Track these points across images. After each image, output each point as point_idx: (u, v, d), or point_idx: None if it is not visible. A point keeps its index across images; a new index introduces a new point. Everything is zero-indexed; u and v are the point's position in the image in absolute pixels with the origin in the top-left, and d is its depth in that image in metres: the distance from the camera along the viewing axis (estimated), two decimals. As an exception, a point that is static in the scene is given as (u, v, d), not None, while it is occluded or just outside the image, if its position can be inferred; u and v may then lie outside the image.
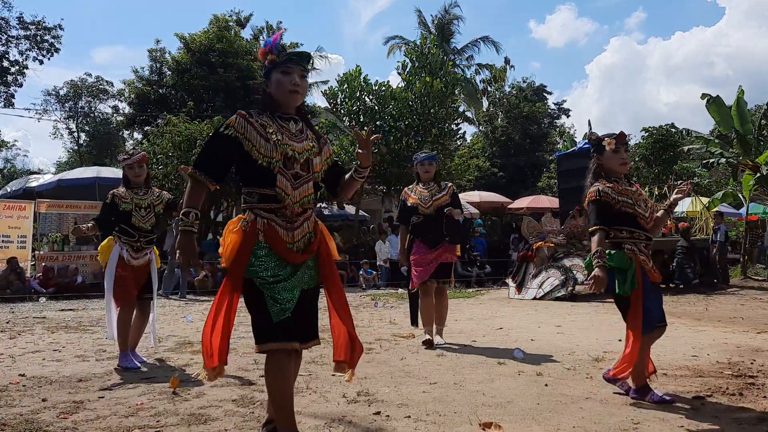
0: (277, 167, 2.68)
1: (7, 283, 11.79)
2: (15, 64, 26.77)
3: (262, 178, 2.69)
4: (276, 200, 2.69)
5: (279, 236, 2.68)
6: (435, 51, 17.18)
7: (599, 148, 3.83)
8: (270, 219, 2.69)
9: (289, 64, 2.75)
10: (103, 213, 4.96)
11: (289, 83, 2.75)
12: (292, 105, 2.82)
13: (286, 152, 2.70)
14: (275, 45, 2.76)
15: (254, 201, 2.72)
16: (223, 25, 22.11)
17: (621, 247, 3.66)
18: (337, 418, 3.29)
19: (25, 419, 3.32)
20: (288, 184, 2.69)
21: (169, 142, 14.96)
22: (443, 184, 5.85)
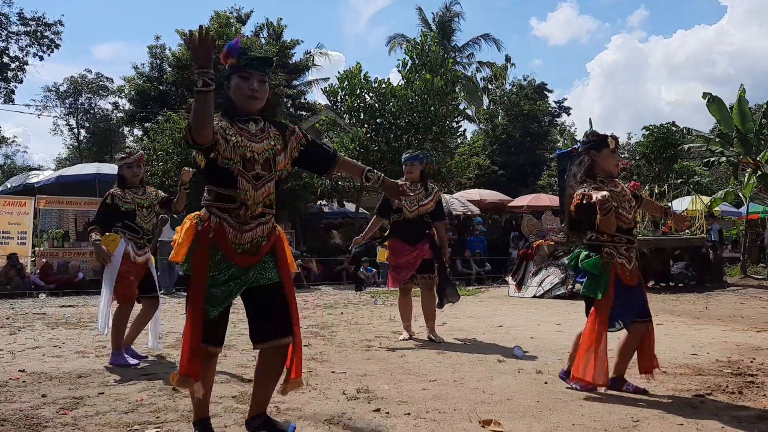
0: (236, 169, 2.70)
1: (7, 279, 11.80)
2: (15, 60, 26.79)
3: (222, 178, 2.72)
4: (232, 200, 2.73)
5: (226, 236, 2.72)
6: (435, 48, 17.16)
7: (600, 144, 3.80)
8: (222, 218, 2.73)
9: (248, 69, 2.74)
10: (104, 215, 4.87)
11: (247, 89, 2.75)
12: (250, 110, 2.81)
13: (244, 154, 2.72)
14: (235, 48, 2.75)
15: (211, 199, 2.77)
16: (223, 21, 22.03)
17: (599, 250, 3.67)
18: (336, 415, 3.29)
19: (25, 415, 3.33)
20: (248, 186, 2.72)
21: (169, 139, 14.94)
22: (430, 188, 5.82)
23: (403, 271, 5.78)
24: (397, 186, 3.09)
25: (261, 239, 2.79)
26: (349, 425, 3.13)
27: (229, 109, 2.82)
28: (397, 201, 5.70)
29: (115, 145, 31.86)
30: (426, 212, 5.74)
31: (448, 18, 30.92)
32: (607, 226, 3.60)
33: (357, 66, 16.21)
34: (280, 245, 2.89)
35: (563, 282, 10.42)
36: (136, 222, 4.91)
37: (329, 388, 3.90)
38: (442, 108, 16.44)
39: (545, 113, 32.56)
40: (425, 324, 5.95)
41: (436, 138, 16.66)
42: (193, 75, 2.58)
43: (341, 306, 9.41)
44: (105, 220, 4.88)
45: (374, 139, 16.14)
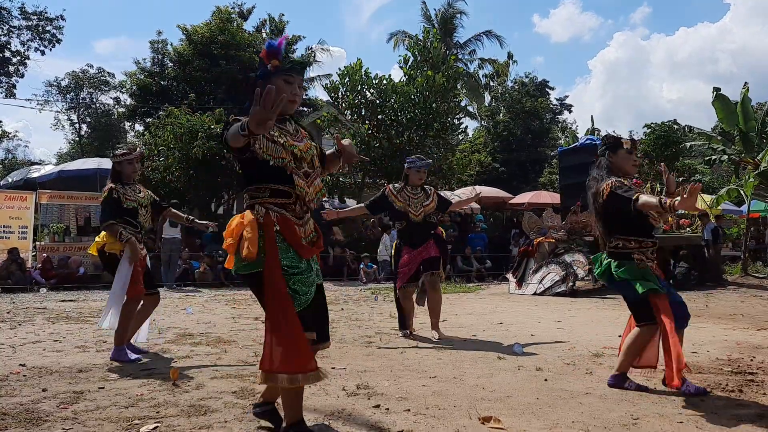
0: (290, 168, 2.72)
1: (8, 273, 11.82)
2: (16, 55, 26.77)
3: (277, 176, 2.72)
4: (287, 195, 2.74)
5: (295, 229, 2.74)
6: (437, 45, 17.14)
7: (615, 146, 3.81)
8: (281, 213, 2.73)
9: (292, 73, 2.77)
10: (114, 210, 4.82)
11: (290, 93, 2.77)
12: (289, 112, 2.84)
13: (294, 152, 2.75)
14: (281, 50, 2.76)
15: (265, 196, 2.74)
16: (225, 17, 22.05)
17: (630, 258, 3.67)
18: (336, 411, 3.29)
19: (26, 409, 3.33)
20: (304, 183, 2.75)
21: (171, 134, 14.94)
22: (427, 189, 5.92)
23: (404, 270, 5.84)
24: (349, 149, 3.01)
25: (313, 234, 2.86)
26: (349, 421, 3.14)
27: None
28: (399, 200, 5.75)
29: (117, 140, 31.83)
30: (431, 211, 5.81)
31: (451, 14, 30.86)
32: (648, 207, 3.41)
33: (358, 62, 16.19)
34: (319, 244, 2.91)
35: (564, 279, 10.42)
36: (138, 220, 4.92)
37: (329, 384, 3.90)
38: (443, 105, 16.42)
39: (547, 110, 32.53)
40: (430, 321, 5.96)
41: (437, 135, 16.64)
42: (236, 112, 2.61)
43: (341, 302, 9.42)
44: (116, 216, 4.83)
45: (376, 135, 16.12)
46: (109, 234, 4.84)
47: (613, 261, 3.74)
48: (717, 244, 12.91)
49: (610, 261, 3.77)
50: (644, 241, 3.70)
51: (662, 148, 19.29)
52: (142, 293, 4.90)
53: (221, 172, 14.64)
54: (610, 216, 3.70)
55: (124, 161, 4.96)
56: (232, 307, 8.72)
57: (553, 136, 31.89)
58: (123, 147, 5.33)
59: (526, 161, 28.99)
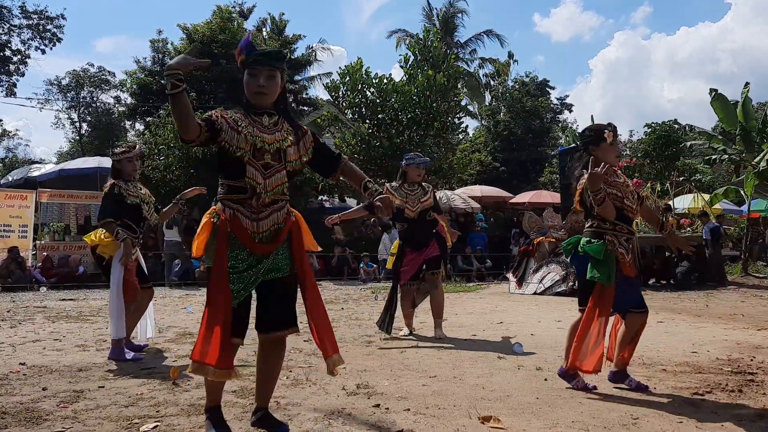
0: (246, 157, 2.74)
1: (8, 272, 11.82)
2: (17, 54, 26.78)
3: (234, 169, 2.76)
4: (243, 191, 2.77)
5: (243, 226, 2.76)
6: (438, 44, 17.13)
7: (598, 138, 3.81)
8: (236, 209, 2.77)
9: (255, 66, 2.79)
10: (114, 207, 4.79)
11: (255, 85, 2.80)
12: (260, 105, 2.85)
13: (254, 143, 2.76)
14: (244, 45, 2.80)
15: (224, 192, 2.81)
16: (225, 16, 22.04)
17: (602, 238, 3.69)
18: (336, 411, 3.29)
19: (26, 408, 3.33)
20: (257, 174, 2.76)
21: (171, 133, 14.94)
22: (425, 186, 5.92)
23: (406, 269, 5.85)
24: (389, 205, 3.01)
25: (278, 226, 2.84)
26: (349, 420, 3.14)
27: (246, 104, 2.88)
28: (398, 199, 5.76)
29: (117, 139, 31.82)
30: (427, 207, 5.81)
31: (451, 14, 30.85)
32: (607, 212, 3.61)
33: (358, 61, 16.19)
34: (297, 233, 2.91)
35: (564, 279, 10.42)
36: (142, 216, 4.92)
37: (329, 383, 3.91)
38: (444, 104, 16.42)
39: (547, 110, 32.53)
40: (433, 320, 5.96)
41: (437, 134, 16.64)
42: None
43: (341, 301, 9.42)
44: (116, 214, 4.80)
45: (376, 134, 16.12)
46: (106, 230, 4.82)
47: (584, 237, 3.79)
48: (717, 244, 12.88)
49: (579, 237, 3.83)
50: (619, 225, 3.71)
51: (663, 147, 19.28)
52: (138, 292, 4.91)
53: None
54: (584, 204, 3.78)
55: (124, 159, 4.95)
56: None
57: (553, 136, 31.88)
58: (123, 145, 5.30)
59: (527, 161, 28.99)
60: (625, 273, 3.68)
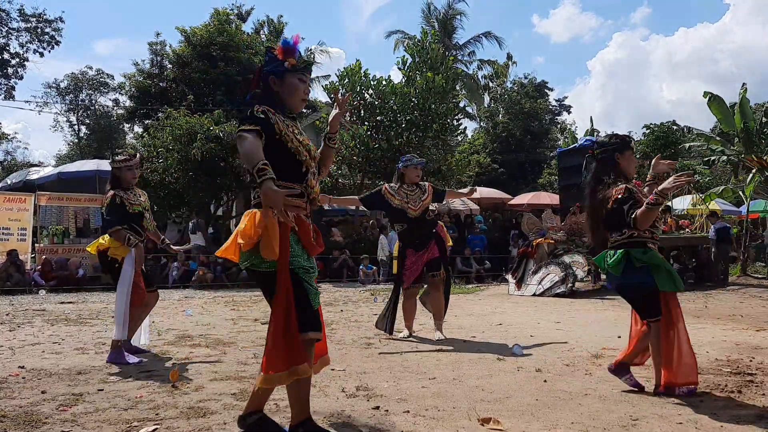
0: (307, 166, 2.79)
1: (7, 275, 11.81)
2: (15, 57, 26.78)
3: (292, 172, 2.76)
4: (300, 195, 2.75)
5: (308, 229, 2.79)
6: (435, 46, 17.14)
7: (623, 146, 3.78)
8: (297, 213, 2.74)
9: (305, 72, 2.85)
10: (120, 216, 4.80)
11: (303, 92, 2.86)
12: (298, 110, 2.91)
13: (310, 151, 2.83)
14: (297, 49, 2.82)
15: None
16: (224, 18, 22.05)
17: (647, 246, 3.65)
18: (336, 413, 3.29)
19: (25, 411, 3.33)
20: (313, 180, 2.84)
21: (170, 136, 14.93)
22: (422, 184, 5.95)
23: (409, 271, 5.87)
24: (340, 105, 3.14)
25: (315, 233, 2.89)
26: (349, 423, 3.14)
27: (277, 105, 2.82)
28: (397, 198, 5.77)
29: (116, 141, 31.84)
30: (428, 205, 5.88)
31: (451, 15, 30.89)
32: (649, 220, 3.51)
33: (357, 63, 16.20)
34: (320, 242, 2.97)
35: (563, 280, 10.42)
36: (143, 224, 4.92)
37: (329, 385, 3.90)
38: (442, 106, 16.42)
39: (546, 111, 32.55)
40: (433, 321, 5.96)
41: (436, 136, 16.64)
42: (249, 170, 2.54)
43: (341, 303, 9.42)
44: (121, 222, 4.81)
45: (375, 136, 16.13)
46: (115, 239, 4.82)
47: (632, 249, 3.63)
48: (721, 244, 12.88)
49: (627, 250, 3.64)
50: (654, 233, 3.72)
51: (661, 149, 19.29)
52: (145, 296, 4.93)
53: (220, 173, 14.63)
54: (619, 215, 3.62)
55: (124, 167, 4.95)
56: (232, 308, 8.71)
57: (552, 137, 31.88)
58: (123, 153, 5.29)
59: (525, 162, 29.01)
60: None
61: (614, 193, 3.62)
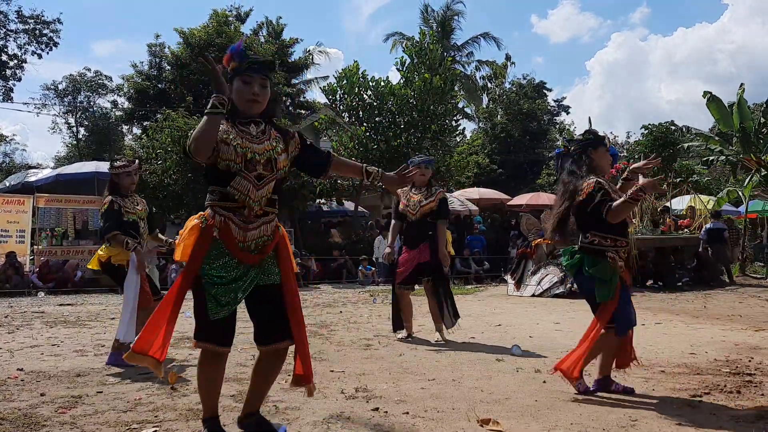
0: (236, 169, 2.72)
1: (6, 277, 11.79)
2: (13, 58, 26.76)
3: (226, 179, 2.73)
4: (235, 199, 2.74)
5: (232, 235, 2.73)
6: (434, 47, 17.16)
7: (597, 142, 3.80)
8: (227, 217, 2.74)
9: (250, 73, 2.76)
10: (115, 221, 4.79)
11: (249, 93, 2.77)
12: (251, 113, 2.83)
13: (245, 155, 2.74)
14: (237, 51, 2.76)
15: (216, 199, 2.78)
16: (222, 20, 22.04)
17: (604, 255, 3.65)
18: (335, 414, 3.29)
19: (24, 414, 3.33)
20: (249, 186, 2.74)
21: (168, 137, 14.93)
22: (434, 189, 5.86)
23: (400, 269, 5.83)
24: (396, 177, 3.08)
25: (266, 238, 2.81)
26: (348, 424, 3.14)
27: (231, 111, 2.81)
28: (402, 201, 5.76)
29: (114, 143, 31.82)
30: (429, 212, 5.75)
31: (449, 16, 30.91)
32: (623, 214, 3.54)
33: (355, 64, 16.21)
34: (283, 245, 2.91)
35: (562, 281, 10.42)
36: (140, 232, 4.92)
37: (328, 387, 3.90)
38: (441, 107, 16.44)
39: (544, 112, 32.58)
40: (434, 324, 5.95)
41: (435, 136, 16.66)
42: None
43: (340, 305, 9.41)
44: (118, 228, 4.80)
45: (373, 137, 16.14)
46: (115, 244, 4.82)
47: (587, 256, 3.69)
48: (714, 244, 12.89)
49: (583, 256, 3.71)
50: (619, 240, 3.69)
51: (660, 149, 19.33)
52: (152, 301, 4.92)
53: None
54: (587, 213, 3.65)
55: (123, 173, 4.95)
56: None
57: (550, 138, 31.89)
58: (122, 158, 5.27)
59: (524, 163, 29.04)
60: (626, 283, 3.69)
61: (585, 186, 3.64)
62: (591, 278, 3.66)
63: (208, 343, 2.76)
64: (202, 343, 2.77)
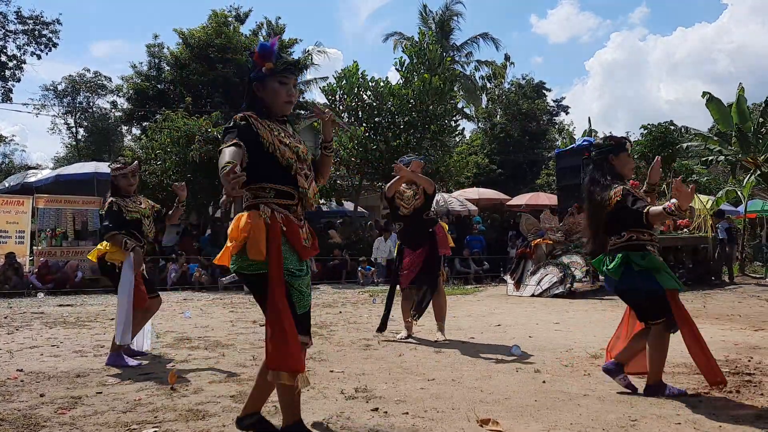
0: (295, 168, 2.74)
1: (5, 278, 11.79)
2: (13, 59, 26.72)
3: (281, 176, 2.73)
4: (291, 197, 2.75)
5: (297, 231, 2.76)
6: (433, 47, 17.16)
7: (619, 148, 3.79)
8: (286, 215, 2.75)
9: (286, 74, 2.77)
10: (116, 223, 4.81)
11: (286, 95, 2.79)
12: (285, 113, 2.85)
13: (298, 153, 2.78)
14: (272, 51, 2.75)
15: (270, 196, 2.73)
16: (221, 20, 22.07)
17: (646, 249, 3.65)
18: (335, 414, 3.29)
19: (23, 414, 3.33)
20: (306, 184, 2.79)
21: (168, 138, 14.93)
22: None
23: (406, 272, 5.84)
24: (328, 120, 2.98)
25: (310, 235, 2.87)
26: (348, 424, 3.14)
27: (262, 110, 2.79)
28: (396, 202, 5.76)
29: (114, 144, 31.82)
30: (418, 207, 5.77)
31: (448, 17, 30.91)
32: (659, 220, 3.54)
33: (354, 65, 16.21)
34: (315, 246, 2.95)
35: (561, 281, 10.42)
36: (142, 231, 4.92)
37: (327, 387, 3.90)
38: (440, 107, 16.43)
39: (544, 112, 32.57)
40: (435, 323, 5.96)
41: (434, 137, 16.66)
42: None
43: (339, 305, 9.41)
44: (119, 228, 4.82)
45: (373, 138, 16.14)
46: (112, 244, 4.82)
47: (631, 253, 3.64)
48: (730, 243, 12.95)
49: (626, 253, 3.65)
50: (654, 235, 3.72)
51: (659, 149, 19.29)
52: (147, 300, 4.92)
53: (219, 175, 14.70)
54: (620, 217, 3.63)
55: (119, 175, 4.97)
56: (230, 310, 8.71)
57: (550, 138, 31.90)
58: (119, 161, 5.26)
59: (524, 163, 29.03)
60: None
61: (613, 195, 3.62)
62: (646, 272, 3.60)
63: (301, 335, 2.70)
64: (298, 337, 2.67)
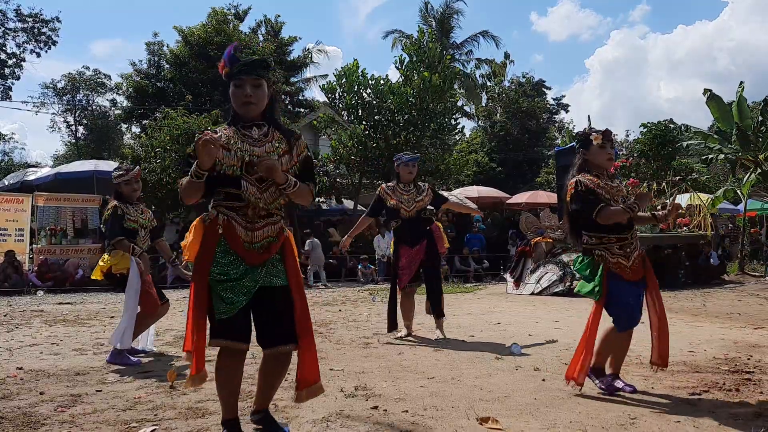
0: (237, 174, 2.73)
1: (5, 276, 11.79)
2: (12, 57, 26.73)
3: (229, 180, 2.75)
4: (240, 199, 2.76)
5: (237, 234, 2.74)
6: (433, 45, 17.15)
7: (586, 143, 3.82)
8: (231, 217, 2.76)
9: (240, 76, 2.77)
10: (120, 227, 4.82)
11: (241, 95, 2.78)
12: (248, 116, 2.83)
13: (243, 158, 2.74)
14: (228, 57, 2.78)
15: (220, 198, 2.80)
16: (221, 18, 22.07)
17: (591, 254, 3.68)
18: (334, 413, 3.29)
19: (23, 412, 3.33)
20: (253, 189, 2.75)
21: (167, 136, 14.93)
22: (421, 185, 5.91)
23: (405, 271, 5.83)
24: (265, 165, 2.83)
25: (270, 239, 2.81)
26: (347, 423, 3.14)
27: (234, 117, 2.86)
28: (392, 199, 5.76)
29: (113, 142, 31.80)
30: (424, 206, 5.79)
31: (448, 14, 30.89)
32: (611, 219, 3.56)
33: (354, 63, 16.21)
34: (289, 249, 2.91)
35: (561, 279, 10.43)
36: (136, 241, 4.91)
37: (327, 385, 3.89)
38: (440, 105, 16.44)
39: (543, 110, 32.56)
40: (434, 321, 5.95)
41: (434, 135, 16.67)
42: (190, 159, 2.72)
43: (339, 303, 9.42)
44: (121, 233, 4.83)
45: (372, 136, 16.14)
46: (119, 249, 4.83)
47: (579, 255, 3.79)
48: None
49: (579, 256, 3.81)
50: (605, 237, 3.66)
51: (659, 147, 19.29)
52: (158, 306, 4.93)
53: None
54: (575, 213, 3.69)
55: (122, 182, 4.95)
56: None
57: (549, 136, 31.91)
58: (121, 167, 5.24)
59: (523, 161, 29.02)
60: (629, 279, 3.66)
61: (569, 185, 3.72)
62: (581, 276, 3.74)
63: (220, 339, 2.73)
64: (215, 341, 2.74)
